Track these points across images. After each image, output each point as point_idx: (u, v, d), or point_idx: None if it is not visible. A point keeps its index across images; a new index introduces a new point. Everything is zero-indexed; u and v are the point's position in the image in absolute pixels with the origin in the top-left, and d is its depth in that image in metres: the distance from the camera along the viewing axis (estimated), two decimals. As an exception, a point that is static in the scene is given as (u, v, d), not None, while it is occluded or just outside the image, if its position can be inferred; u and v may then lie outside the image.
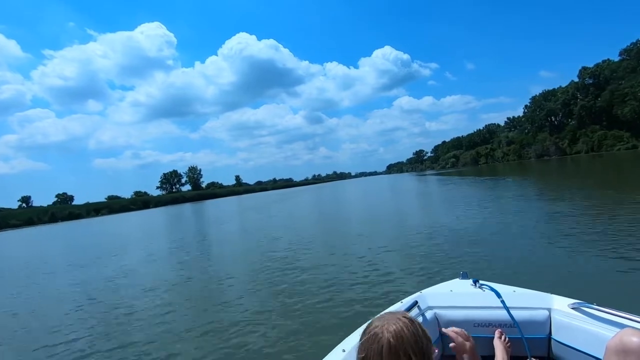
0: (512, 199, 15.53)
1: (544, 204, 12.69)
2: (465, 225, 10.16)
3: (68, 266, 13.02)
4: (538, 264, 5.75)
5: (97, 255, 14.58)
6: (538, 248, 6.73)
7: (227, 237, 15.87)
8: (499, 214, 11.58)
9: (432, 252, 7.50)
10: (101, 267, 11.44)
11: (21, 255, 20.68)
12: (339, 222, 15.99)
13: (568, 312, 1.95)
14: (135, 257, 12.61)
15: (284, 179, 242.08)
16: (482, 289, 2.27)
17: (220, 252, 11.85)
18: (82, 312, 6.57)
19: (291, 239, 11.81)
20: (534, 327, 1.99)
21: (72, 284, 9.50)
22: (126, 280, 8.92)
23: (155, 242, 17.58)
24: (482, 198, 17.57)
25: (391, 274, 6.20)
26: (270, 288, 6.25)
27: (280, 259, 8.71)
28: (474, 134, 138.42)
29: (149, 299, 6.71)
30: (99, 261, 12.81)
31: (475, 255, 6.75)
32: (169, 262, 10.88)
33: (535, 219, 9.69)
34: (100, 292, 8.05)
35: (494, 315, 2.05)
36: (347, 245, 9.47)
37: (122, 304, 6.71)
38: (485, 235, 8.54)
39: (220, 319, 5.02)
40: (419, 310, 2.13)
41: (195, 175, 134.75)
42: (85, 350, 4.72)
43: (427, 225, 10.99)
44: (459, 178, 42.50)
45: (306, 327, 4.31)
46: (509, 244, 7.41)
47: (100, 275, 9.96)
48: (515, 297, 2.12)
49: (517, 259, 6.18)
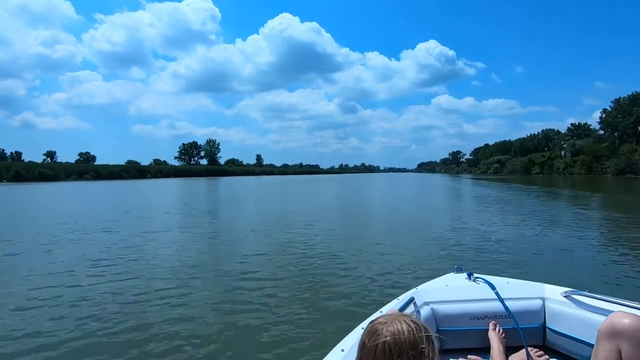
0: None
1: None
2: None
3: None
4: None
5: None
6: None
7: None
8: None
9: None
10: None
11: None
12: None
13: (561, 300, 2.00)
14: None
15: (311, 165, 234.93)
16: (477, 282, 2.28)
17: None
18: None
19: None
20: (528, 317, 2.03)
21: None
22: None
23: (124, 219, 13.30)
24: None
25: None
26: (263, 281, 5.75)
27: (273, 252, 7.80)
28: (526, 138, 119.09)
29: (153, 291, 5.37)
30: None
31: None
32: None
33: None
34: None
35: (489, 307, 2.06)
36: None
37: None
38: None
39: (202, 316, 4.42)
40: (416, 306, 2.10)
41: (213, 149, 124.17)
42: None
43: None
44: (533, 191, 30.51)
45: (303, 324, 4.12)
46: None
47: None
48: (509, 289, 2.15)
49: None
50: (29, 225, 11.83)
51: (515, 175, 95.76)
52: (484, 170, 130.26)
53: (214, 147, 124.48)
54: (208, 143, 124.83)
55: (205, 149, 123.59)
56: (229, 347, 3.60)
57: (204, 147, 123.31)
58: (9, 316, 4.31)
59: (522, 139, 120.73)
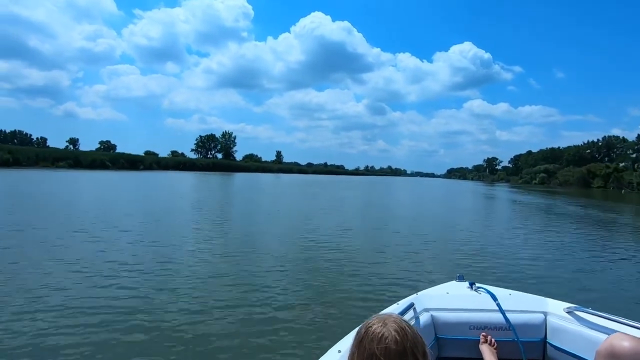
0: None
1: None
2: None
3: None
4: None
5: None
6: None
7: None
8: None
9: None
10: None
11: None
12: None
13: (563, 315, 1.94)
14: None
15: (335, 165, 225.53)
16: (478, 291, 2.23)
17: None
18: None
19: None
20: (529, 331, 1.97)
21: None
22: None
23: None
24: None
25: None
26: (264, 283, 5.77)
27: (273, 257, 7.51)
28: (581, 146, 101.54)
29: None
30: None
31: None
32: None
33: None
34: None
35: (489, 318, 2.01)
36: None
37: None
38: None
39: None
40: (415, 312, 2.06)
41: (229, 142, 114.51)
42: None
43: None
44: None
45: (301, 325, 4.20)
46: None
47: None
48: (511, 300, 2.10)
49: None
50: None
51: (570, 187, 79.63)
52: (527, 180, 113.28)
53: (229, 140, 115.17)
54: (224, 135, 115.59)
55: (220, 141, 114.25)
56: (229, 347, 3.66)
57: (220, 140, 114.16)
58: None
59: (576, 146, 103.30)
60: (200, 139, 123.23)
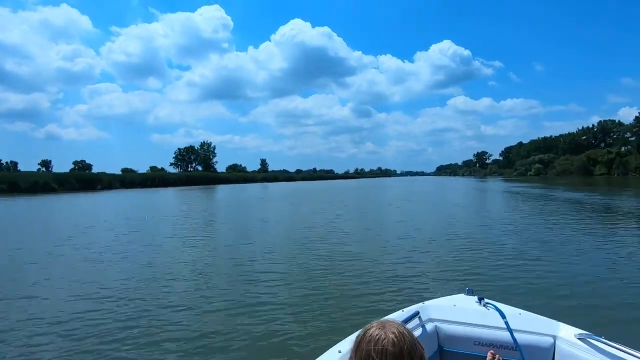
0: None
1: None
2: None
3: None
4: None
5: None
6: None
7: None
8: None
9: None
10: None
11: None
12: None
13: (574, 342, 1.81)
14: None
15: (325, 170, 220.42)
16: (487, 307, 2.14)
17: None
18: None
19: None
20: (536, 354, 1.85)
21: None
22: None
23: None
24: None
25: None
26: (266, 284, 6.06)
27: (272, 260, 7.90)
28: (576, 133, 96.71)
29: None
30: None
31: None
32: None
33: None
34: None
35: (496, 335, 1.92)
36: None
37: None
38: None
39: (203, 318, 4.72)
40: (420, 321, 2.03)
41: (208, 153, 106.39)
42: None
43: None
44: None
45: (303, 326, 4.28)
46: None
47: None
48: (520, 320, 1.99)
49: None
50: None
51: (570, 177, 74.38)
52: (522, 172, 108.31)
53: (208, 151, 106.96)
54: (202, 146, 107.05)
55: (199, 153, 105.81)
56: (229, 346, 3.79)
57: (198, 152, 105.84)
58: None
59: (571, 133, 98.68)
60: (179, 152, 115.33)
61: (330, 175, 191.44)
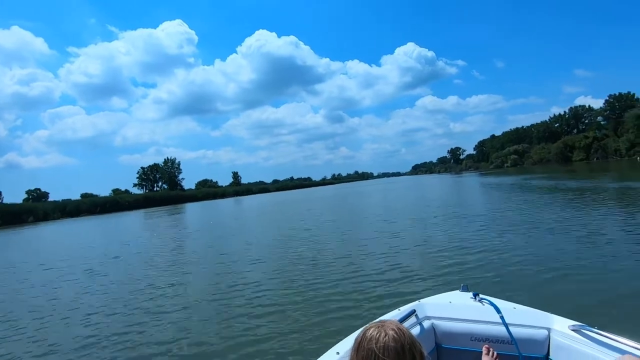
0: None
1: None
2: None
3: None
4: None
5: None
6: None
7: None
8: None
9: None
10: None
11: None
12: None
13: (568, 333, 1.84)
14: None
15: (302, 178, 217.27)
16: (482, 303, 2.15)
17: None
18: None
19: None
20: (532, 346, 1.88)
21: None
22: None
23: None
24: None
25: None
26: (267, 289, 6.23)
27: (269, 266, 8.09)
28: (549, 122, 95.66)
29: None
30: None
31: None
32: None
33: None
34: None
35: (492, 330, 1.95)
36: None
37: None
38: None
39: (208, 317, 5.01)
40: (417, 319, 2.05)
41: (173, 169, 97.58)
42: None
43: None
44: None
45: (301, 328, 4.32)
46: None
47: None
48: (515, 314, 2.01)
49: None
50: None
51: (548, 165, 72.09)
52: (499, 165, 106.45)
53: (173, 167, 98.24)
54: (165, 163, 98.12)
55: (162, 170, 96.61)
56: (230, 349, 3.92)
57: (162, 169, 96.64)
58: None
59: (544, 122, 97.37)
60: (142, 172, 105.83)
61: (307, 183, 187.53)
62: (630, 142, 59.12)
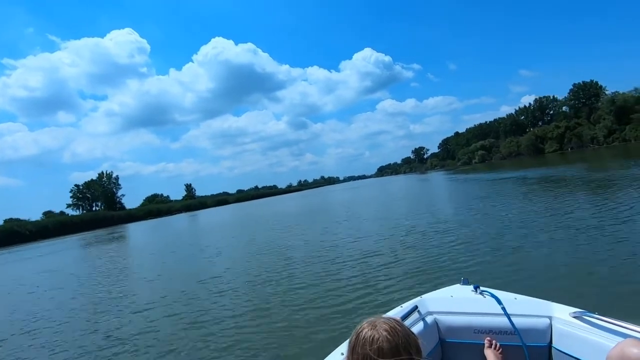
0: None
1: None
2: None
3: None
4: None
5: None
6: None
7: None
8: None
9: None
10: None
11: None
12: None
13: (569, 320, 1.83)
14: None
15: (268, 187, 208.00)
16: (483, 295, 2.14)
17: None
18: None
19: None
20: (534, 335, 1.88)
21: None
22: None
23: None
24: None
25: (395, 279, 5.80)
26: (269, 288, 6.19)
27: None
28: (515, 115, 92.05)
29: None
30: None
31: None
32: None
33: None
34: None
35: (494, 322, 1.94)
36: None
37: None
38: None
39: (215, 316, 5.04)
40: (419, 315, 2.03)
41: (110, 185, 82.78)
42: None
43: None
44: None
45: (304, 330, 4.25)
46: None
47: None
48: (516, 304, 2.01)
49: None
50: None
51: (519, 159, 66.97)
52: (466, 161, 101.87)
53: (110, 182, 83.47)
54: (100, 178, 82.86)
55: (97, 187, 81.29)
56: (231, 348, 3.91)
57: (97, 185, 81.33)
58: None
59: (510, 115, 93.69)
60: (77, 190, 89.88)
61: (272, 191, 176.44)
62: (607, 129, 54.50)
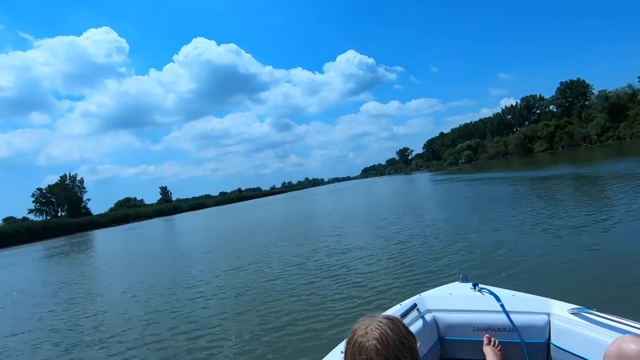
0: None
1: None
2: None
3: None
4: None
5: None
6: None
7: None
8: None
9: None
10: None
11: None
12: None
13: (567, 317, 1.83)
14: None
15: (251, 189, 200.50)
16: (482, 292, 2.14)
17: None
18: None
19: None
20: (533, 332, 1.88)
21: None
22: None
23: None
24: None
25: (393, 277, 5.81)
26: (268, 287, 6.14)
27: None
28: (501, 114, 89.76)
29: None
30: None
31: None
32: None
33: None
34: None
35: (493, 319, 1.94)
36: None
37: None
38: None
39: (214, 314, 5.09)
40: (418, 313, 2.02)
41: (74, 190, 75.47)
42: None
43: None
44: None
45: (304, 330, 4.21)
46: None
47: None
48: (515, 302, 2.00)
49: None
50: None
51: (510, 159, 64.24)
52: (452, 162, 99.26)
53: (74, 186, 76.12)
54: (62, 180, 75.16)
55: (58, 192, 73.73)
56: (233, 347, 3.87)
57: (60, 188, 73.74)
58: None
59: (497, 115, 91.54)
60: (40, 193, 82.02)
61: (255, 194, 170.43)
62: (601, 127, 52.01)
